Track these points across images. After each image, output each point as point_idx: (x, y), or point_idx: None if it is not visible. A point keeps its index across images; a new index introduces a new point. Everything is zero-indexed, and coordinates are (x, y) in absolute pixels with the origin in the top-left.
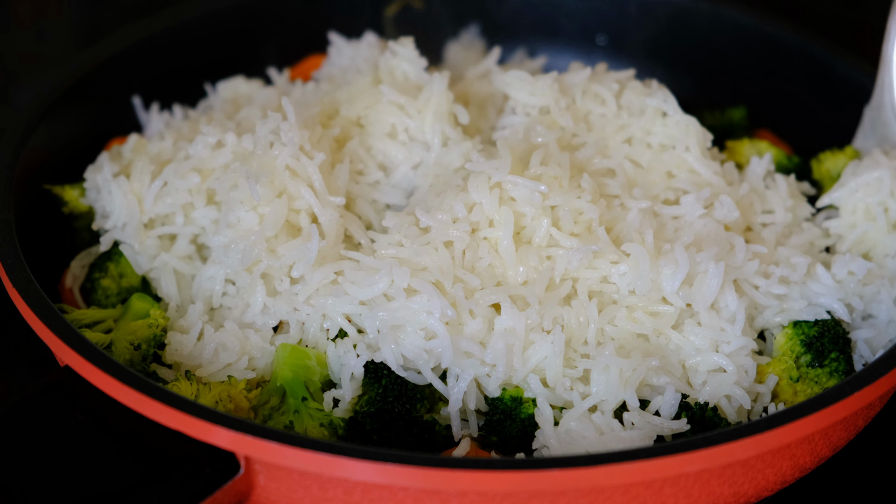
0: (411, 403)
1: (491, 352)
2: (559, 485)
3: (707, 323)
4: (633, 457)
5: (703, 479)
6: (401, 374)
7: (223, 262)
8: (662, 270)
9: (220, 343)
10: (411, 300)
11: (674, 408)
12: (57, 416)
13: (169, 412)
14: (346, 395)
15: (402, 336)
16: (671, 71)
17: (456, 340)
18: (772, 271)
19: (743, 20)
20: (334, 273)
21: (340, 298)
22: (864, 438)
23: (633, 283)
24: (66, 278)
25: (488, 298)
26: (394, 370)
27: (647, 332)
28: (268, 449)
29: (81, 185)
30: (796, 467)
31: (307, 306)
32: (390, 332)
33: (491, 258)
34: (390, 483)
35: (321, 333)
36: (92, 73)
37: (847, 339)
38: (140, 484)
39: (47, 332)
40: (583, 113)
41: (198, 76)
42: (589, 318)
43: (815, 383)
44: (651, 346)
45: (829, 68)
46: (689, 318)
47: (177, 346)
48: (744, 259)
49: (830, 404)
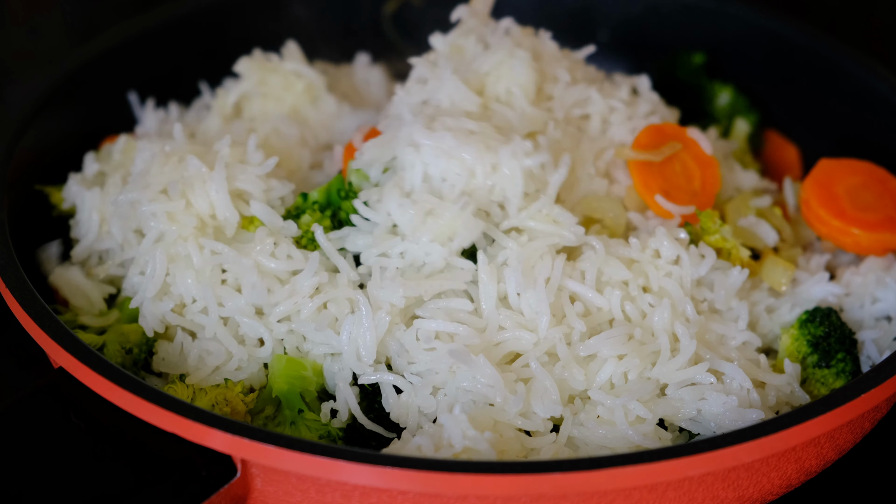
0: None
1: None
2: (560, 488)
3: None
4: (636, 460)
5: (707, 482)
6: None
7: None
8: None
9: (203, 350)
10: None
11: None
12: (50, 419)
13: (164, 415)
14: (342, 410)
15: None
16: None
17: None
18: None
19: (749, 17)
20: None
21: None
22: (871, 442)
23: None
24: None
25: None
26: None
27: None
28: (265, 452)
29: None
30: (802, 471)
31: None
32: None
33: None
34: (389, 487)
35: (303, 348)
36: (85, 71)
37: (854, 339)
38: (135, 488)
39: (41, 333)
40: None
41: (192, 74)
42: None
43: (822, 384)
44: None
45: (836, 67)
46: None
47: (164, 354)
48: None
49: (836, 406)
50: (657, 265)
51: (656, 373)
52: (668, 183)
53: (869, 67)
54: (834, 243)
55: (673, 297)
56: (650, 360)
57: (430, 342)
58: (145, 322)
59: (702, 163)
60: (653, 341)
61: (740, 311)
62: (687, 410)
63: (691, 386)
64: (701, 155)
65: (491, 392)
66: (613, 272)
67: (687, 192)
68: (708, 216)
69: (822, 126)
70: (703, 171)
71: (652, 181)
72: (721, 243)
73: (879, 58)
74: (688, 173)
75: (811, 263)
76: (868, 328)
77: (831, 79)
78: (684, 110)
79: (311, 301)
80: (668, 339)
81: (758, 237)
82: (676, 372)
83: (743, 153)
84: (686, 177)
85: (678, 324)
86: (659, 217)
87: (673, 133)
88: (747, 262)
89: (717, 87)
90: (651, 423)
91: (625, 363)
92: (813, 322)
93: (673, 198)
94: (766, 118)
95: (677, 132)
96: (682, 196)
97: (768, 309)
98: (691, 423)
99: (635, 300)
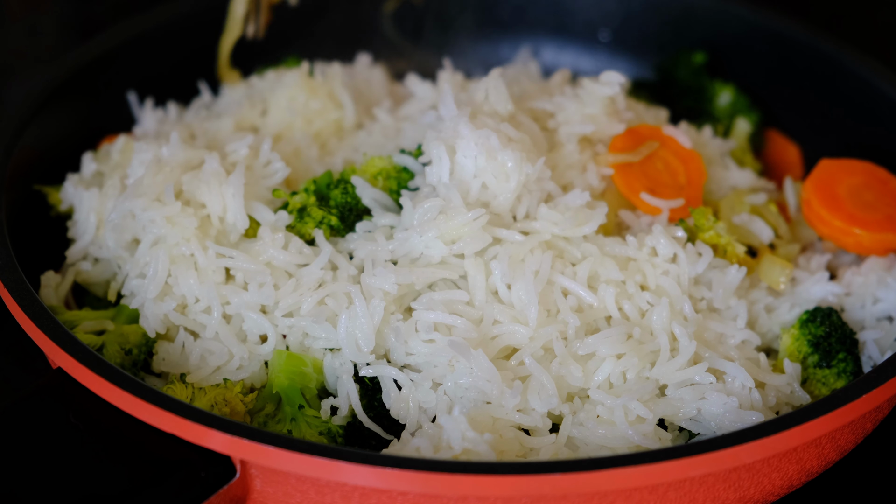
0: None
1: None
2: (561, 489)
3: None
4: (637, 461)
5: (708, 483)
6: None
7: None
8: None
9: (205, 349)
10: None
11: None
12: (49, 420)
13: (163, 415)
14: (343, 405)
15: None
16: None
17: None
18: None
19: (749, 17)
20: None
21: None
22: (873, 442)
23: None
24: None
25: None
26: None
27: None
28: (264, 453)
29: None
30: (803, 471)
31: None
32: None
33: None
34: (389, 487)
35: (305, 343)
36: (84, 70)
37: (855, 339)
38: (134, 489)
39: (39, 333)
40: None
41: (191, 73)
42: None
43: (823, 385)
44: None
45: (838, 66)
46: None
47: (164, 354)
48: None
49: (838, 407)
50: (654, 263)
51: (655, 373)
52: (651, 181)
53: (871, 66)
54: (835, 243)
55: (671, 296)
56: (649, 359)
57: (429, 333)
58: (146, 323)
59: (683, 158)
60: (651, 340)
61: (739, 310)
62: (687, 410)
63: (691, 386)
64: (681, 150)
65: (488, 387)
66: (607, 272)
67: (673, 188)
68: (701, 213)
69: (824, 125)
70: (686, 166)
71: (635, 181)
72: (716, 240)
73: (881, 57)
74: (671, 169)
75: (811, 263)
76: (869, 328)
77: (833, 78)
78: (685, 110)
79: (312, 295)
80: (667, 338)
81: (752, 234)
82: (676, 372)
83: (743, 153)
84: (669, 173)
85: (676, 324)
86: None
87: (648, 133)
88: (743, 259)
89: (717, 87)
90: (651, 422)
91: (623, 362)
92: (814, 322)
93: (659, 194)
94: (767, 117)
95: (652, 132)
96: (669, 192)
97: (767, 308)
98: (691, 423)
99: (632, 298)
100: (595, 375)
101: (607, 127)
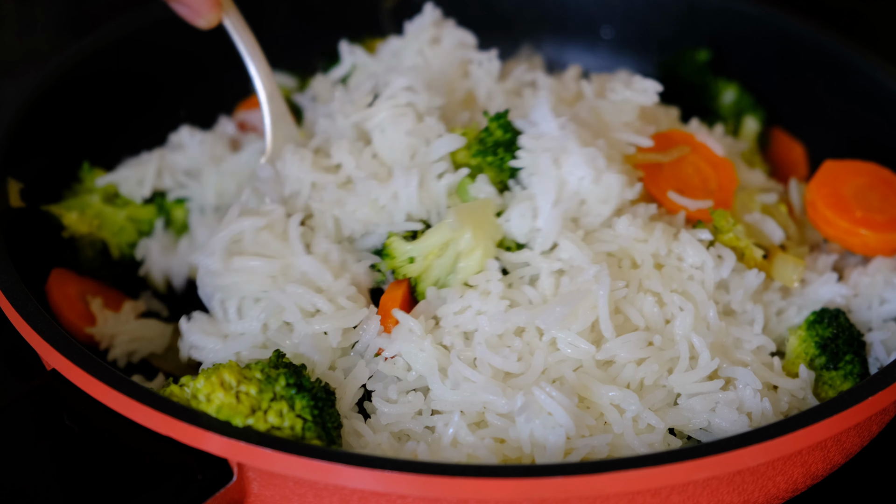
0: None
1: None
2: (563, 492)
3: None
4: (640, 464)
5: (712, 486)
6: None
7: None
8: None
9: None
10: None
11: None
12: (43, 422)
13: (159, 417)
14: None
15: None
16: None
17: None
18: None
19: (753, 13)
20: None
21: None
22: (878, 445)
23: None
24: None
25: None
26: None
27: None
28: (261, 455)
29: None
30: (808, 474)
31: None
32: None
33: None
34: (388, 491)
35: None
36: (80, 67)
37: (862, 341)
38: (130, 492)
39: (33, 334)
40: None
41: (190, 71)
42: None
43: (829, 386)
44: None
45: (843, 64)
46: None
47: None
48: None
49: (844, 409)
50: (681, 268)
51: (672, 381)
52: (681, 183)
53: (876, 64)
54: (841, 245)
55: (696, 301)
56: (667, 366)
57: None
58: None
59: (715, 165)
60: (671, 346)
61: (756, 314)
62: (698, 421)
63: (703, 395)
64: (713, 157)
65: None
66: (650, 283)
67: (703, 192)
68: (721, 215)
69: (829, 124)
70: (717, 173)
71: (663, 182)
72: (735, 242)
73: (887, 55)
74: (702, 175)
75: (819, 264)
76: (876, 329)
77: (838, 76)
78: (689, 108)
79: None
80: (687, 346)
81: (764, 234)
82: (693, 384)
83: (752, 153)
84: (700, 178)
85: (695, 335)
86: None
87: (681, 139)
88: (760, 262)
89: (721, 85)
90: (661, 432)
91: (643, 368)
92: (821, 323)
93: (688, 195)
94: (771, 116)
95: (685, 138)
96: (698, 195)
97: (777, 311)
98: (702, 433)
99: (665, 306)
100: (615, 382)
101: (643, 133)
